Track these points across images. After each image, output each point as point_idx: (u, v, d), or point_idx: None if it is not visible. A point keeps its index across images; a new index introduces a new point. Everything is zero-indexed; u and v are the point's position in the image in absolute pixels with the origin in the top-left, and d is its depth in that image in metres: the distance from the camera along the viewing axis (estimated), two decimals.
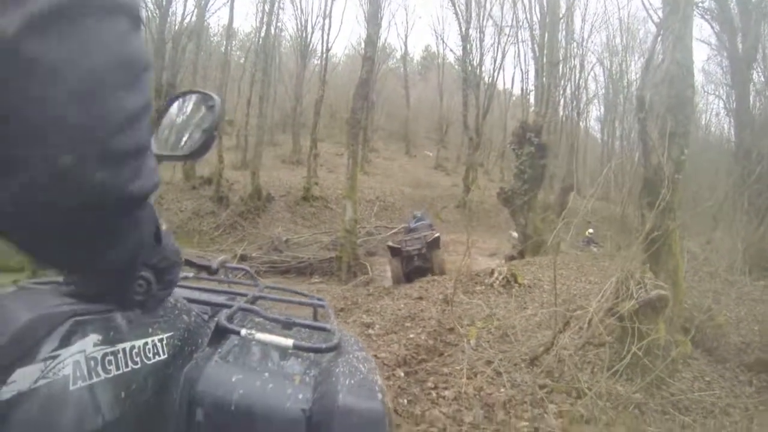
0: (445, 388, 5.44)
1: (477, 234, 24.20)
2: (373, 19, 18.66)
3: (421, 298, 10.02)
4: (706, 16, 20.17)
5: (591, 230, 21.90)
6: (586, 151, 42.73)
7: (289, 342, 1.12)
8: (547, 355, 6.17)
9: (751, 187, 15.90)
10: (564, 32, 28.27)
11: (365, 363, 1.19)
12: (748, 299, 11.62)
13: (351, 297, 11.08)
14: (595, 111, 44.81)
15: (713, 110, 34.97)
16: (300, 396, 1.00)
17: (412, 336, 6.96)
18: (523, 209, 18.35)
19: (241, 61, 37.84)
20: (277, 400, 0.98)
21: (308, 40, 33.44)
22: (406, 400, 5.05)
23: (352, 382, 1.05)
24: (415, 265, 14.23)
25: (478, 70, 34.18)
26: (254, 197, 24.48)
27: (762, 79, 22.51)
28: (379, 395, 1.03)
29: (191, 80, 30.32)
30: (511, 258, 18.04)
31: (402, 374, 5.65)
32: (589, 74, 39.66)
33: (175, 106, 1.30)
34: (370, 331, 7.43)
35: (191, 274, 1.68)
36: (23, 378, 0.63)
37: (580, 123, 40.13)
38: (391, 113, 43.77)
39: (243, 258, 17.29)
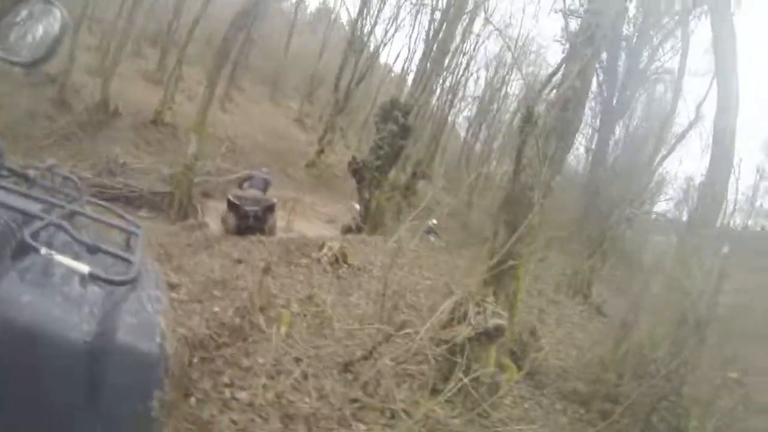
0: (242, 388, 4.62)
1: (320, 198, 24.12)
2: None
3: (240, 261, 9.07)
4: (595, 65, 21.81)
5: (434, 221, 22.16)
6: (447, 144, 43.32)
7: (85, 269, 1.04)
8: (364, 363, 5.56)
9: (591, 221, 16.91)
10: (463, 27, 27.87)
11: (155, 303, 1.17)
12: (568, 322, 11.98)
13: (167, 245, 9.80)
14: (467, 111, 45.18)
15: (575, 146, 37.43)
16: (85, 327, 0.95)
17: (217, 310, 5.96)
18: (370, 184, 18.30)
19: None
20: (62, 328, 0.93)
21: None
22: (194, 399, 4.18)
23: (134, 321, 1.03)
24: (249, 225, 14.34)
25: (366, 38, 33.51)
26: (100, 109, 21.71)
27: (623, 133, 25.34)
28: (158, 338, 1.02)
29: None
30: (348, 230, 18.29)
31: (196, 360, 4.74)
32: (472, 75, 40.59)
33: (20, 10, 1.39)
34: (174, 295, 6.32)
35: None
36: None
37: (449, 117, 40.99)
38: (267, 56, 41.52)
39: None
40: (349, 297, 8.47)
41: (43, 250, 1.03)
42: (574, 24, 21.46)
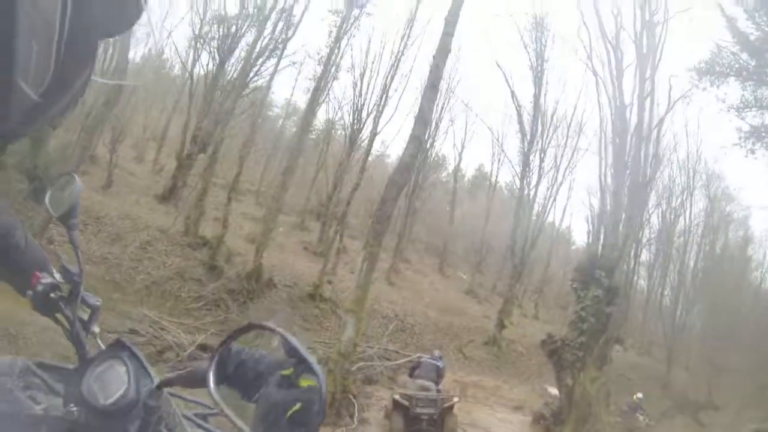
0: None
1: (503, 380, 21.26)
2: (430, 92, 15.28)
3: None
4: None
5: (640, 395, 18.90)
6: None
7: None
8: None
9: None
10: (653, 148, 22.47)
11: None
12: None
13: None
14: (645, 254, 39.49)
15: None
16: None
17: None
18: (573, 366, 15.30)
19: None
20: None
21: (360, 124, 29.42)
22: None
23: None
24: (423, 428, 12.29)
25: (533, 192, 32.10)
26: (252, 278, 20.70)
27: None
28: None
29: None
30: (541, 417, 15.84)
31: None
32: (651, 213, 34.24)
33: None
34: None
35: None
36: None
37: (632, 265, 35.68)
38: (432, 226, 42.02)
39: (203, 348, 14.02)
40: None
41: None
42: None
